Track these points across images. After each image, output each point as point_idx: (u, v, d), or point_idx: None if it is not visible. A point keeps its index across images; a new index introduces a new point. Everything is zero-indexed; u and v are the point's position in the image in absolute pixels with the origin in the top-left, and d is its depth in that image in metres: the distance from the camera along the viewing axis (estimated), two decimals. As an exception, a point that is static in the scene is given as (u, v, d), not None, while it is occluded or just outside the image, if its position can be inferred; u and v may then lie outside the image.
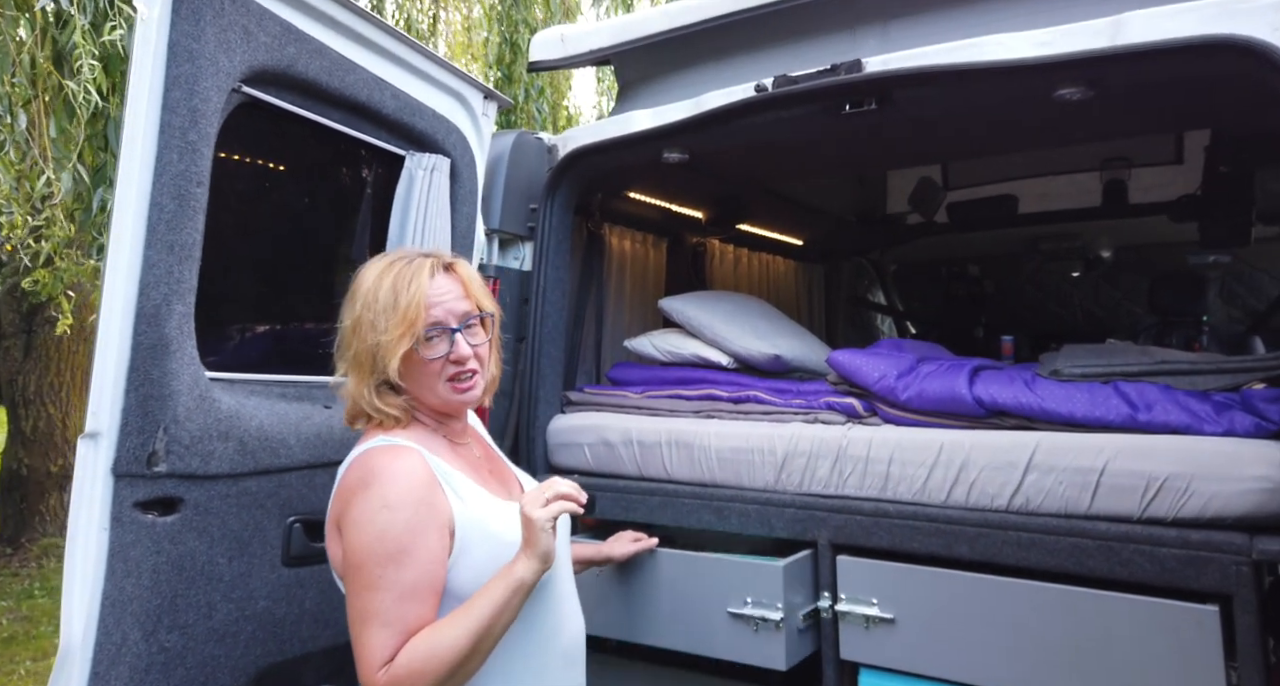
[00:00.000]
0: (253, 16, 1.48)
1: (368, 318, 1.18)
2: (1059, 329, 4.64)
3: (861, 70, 1.76)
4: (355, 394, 1.21)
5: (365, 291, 1.21)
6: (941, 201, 3.99)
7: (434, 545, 1.10)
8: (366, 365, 1.19)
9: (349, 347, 1.22)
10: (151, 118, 1.37)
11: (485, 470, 1.30)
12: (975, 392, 1.62)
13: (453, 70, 1.98)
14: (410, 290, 1.18)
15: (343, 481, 1.17)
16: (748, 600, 1.64)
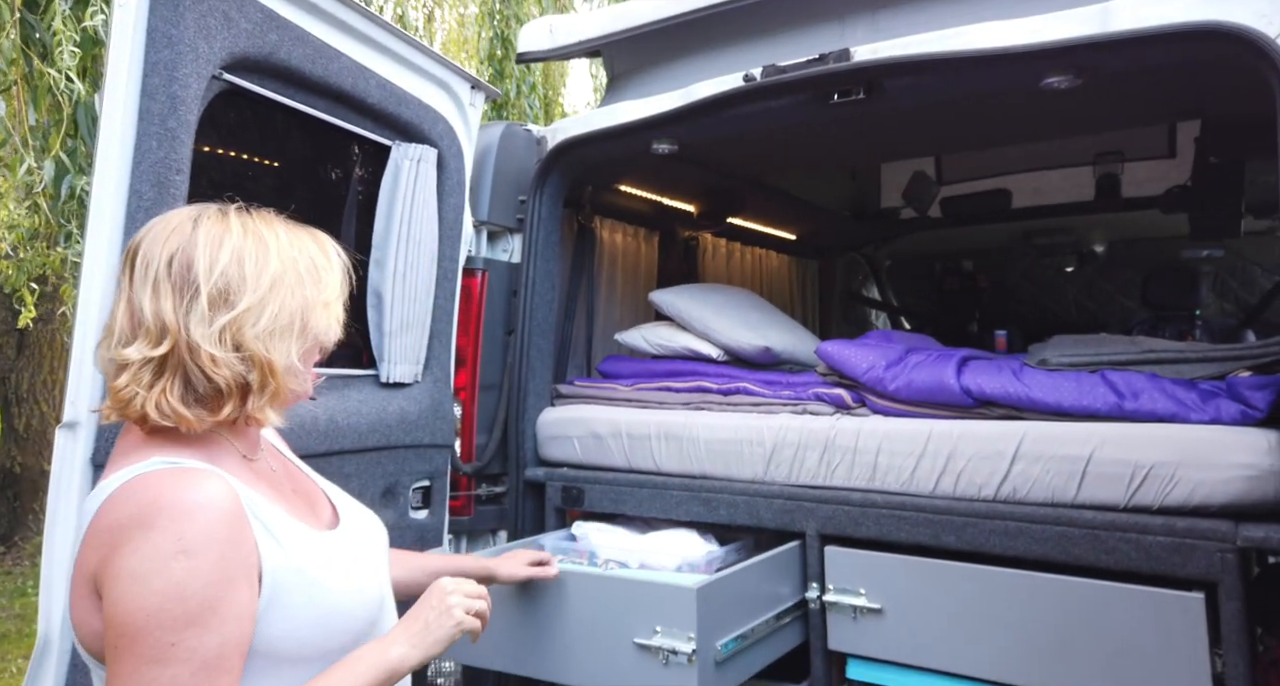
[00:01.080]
0: (233, 2, 1.46)
1: (302, 269, 0.94)
2: (1053, 323, 4.64)
3: (849, 59, 1.75)
4: (267, 361, 0.90)
5: (280, 241, 0.94)
6: (935, 196, 3.99)
7: (243, 597, 0.84)
8: (295, 330, 0.92)
9: (261, 307, 0.90)
10: (130, 104, 1.36)
11: (288, 489, 1.02)
12: (963, 383, 1.62)
13: (439, 59, 1.97)
14: (334, 252, 1.00)
15: (102, 519, 0.84)
16: (657, 629, 1.38)
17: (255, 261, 0.91)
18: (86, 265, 1.33)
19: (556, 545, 1.89)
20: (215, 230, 0.91)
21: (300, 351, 0.95)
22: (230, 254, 0.90)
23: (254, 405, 0.91)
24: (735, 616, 1.50)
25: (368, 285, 1.88)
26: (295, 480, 1.07)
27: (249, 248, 0.92)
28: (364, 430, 1.75)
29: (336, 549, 0.97)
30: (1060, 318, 4.77)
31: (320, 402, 1.69)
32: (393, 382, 1.89)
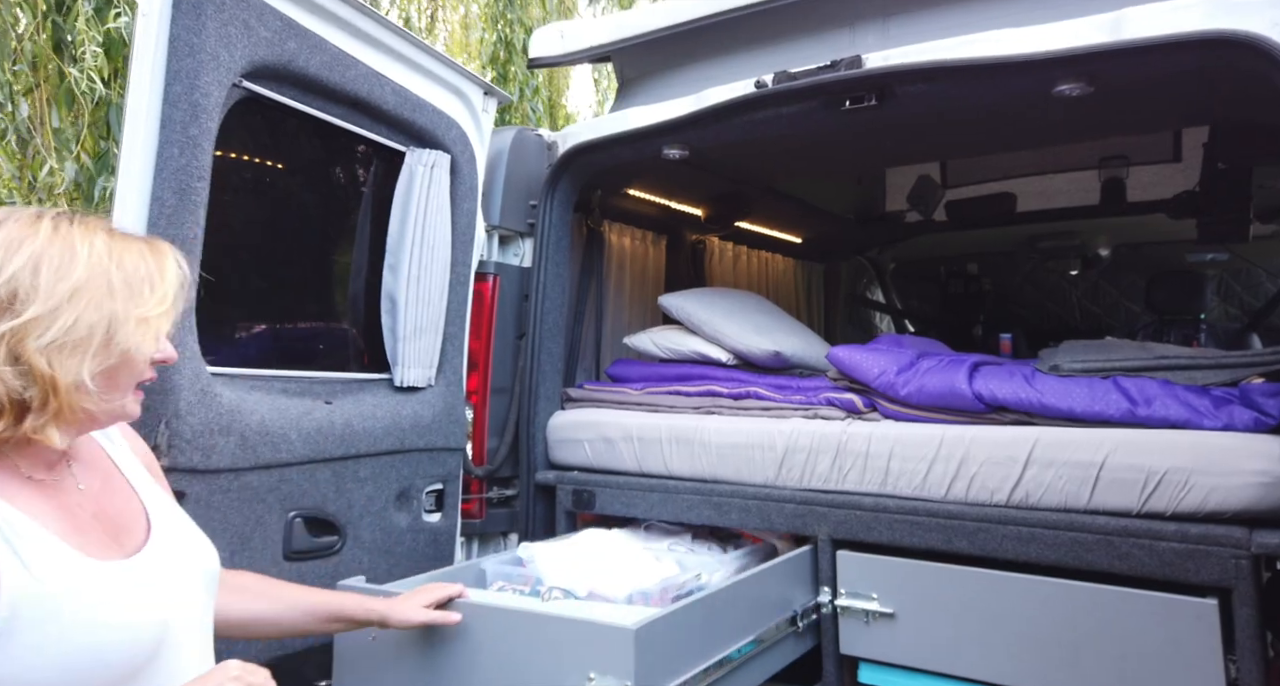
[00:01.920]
0: (253, 11, 1.48)
1: (113, 282, 0.85)
2: (1057, 327, 4.65)
3: (862, 66, 1.76)
4: (52, 377, 0.81)
5: (93, 251, 0.86)
6: (940, 199, 4.00)
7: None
8: (95, 343, 0.83)
9: (53, 316, 0.82)
10: (152, 112, 1.37)
11: (86, 512, 0.91)
12: (975, 388, 1.63)
13: (452, 65, 1.98)
14: (169, 266, 0.91)
15: None
16: (591, 677, 1.19)
17: (55, 269, 0.82)
18: (109, 271, 1.34)
19: (500, 570, 1.66)
20: (17, 233, 0.83)
21: (99, 369, 0.84)
22: (26, 259, 0.81)
23: (32, 424, 0.82)
24: (688, 656, 1.30)
25: (381, 290, 1.89)
26: (106, 502, 0.94)
27: (51, 254, 0.83)
28: (379, 434, 1.76)
29: (115, 580, 0.85)
30: (1064, 321, 4.78)
31: (336, 406, 1.70)
32: (406, 387, 1.90)
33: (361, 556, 1.70)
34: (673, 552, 1.85)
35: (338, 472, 1.66)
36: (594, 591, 1.52)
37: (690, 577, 1.62)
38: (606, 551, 1.74)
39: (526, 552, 1.72)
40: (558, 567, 1.61)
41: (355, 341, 1.91)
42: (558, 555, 1.67)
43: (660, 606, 1.42)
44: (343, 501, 1.67)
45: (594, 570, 1.60)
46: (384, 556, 1.76)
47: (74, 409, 0.84)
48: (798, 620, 1.62)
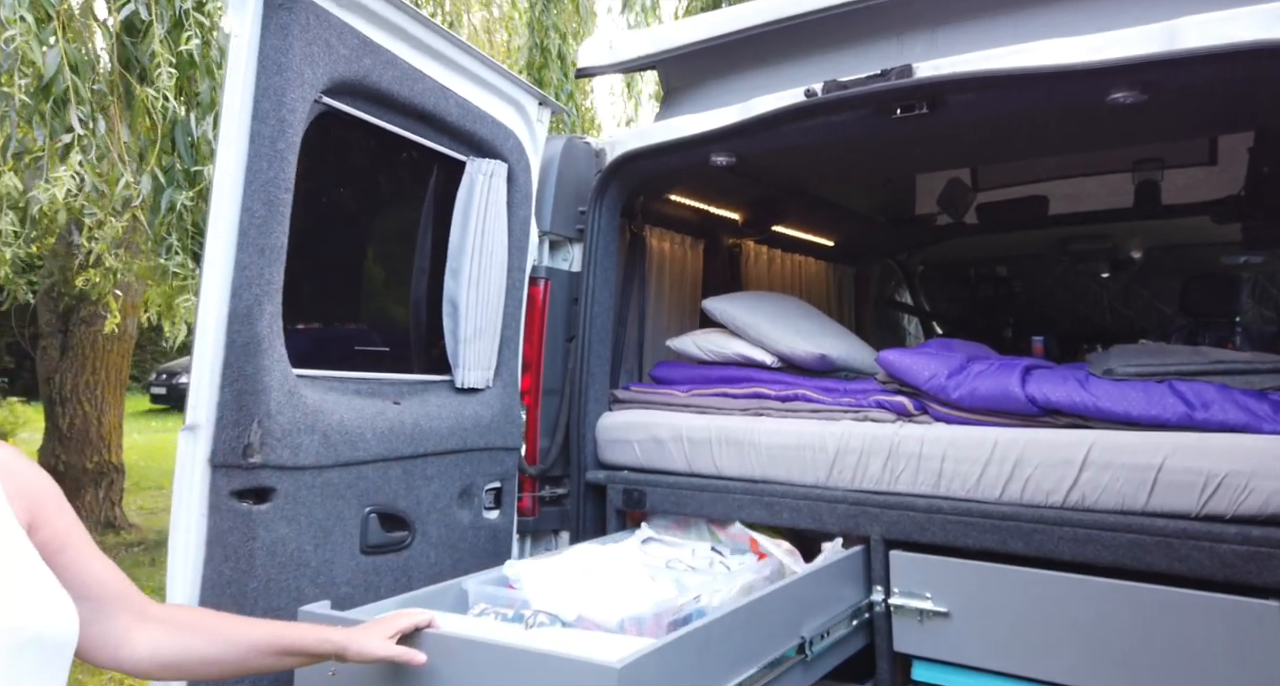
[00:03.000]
0: (333, 30, 1.55)
1: None
2: (1088, 330, 4.64)
3: (912, 75, 1.80)
4: None
5: None
6: (971, 203, 4.01)
7: None
8: None
9: None
10: (242, 127, 1.45)
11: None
12: (1028, 391, 1.66)
13: (511, 77, 2.04)
14: None
15: None
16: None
17: None
18: (205, 278, 1.42)
19: (483, 591, 1.53)
20: None
21: None
22: None
23: None
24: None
25: (443, 294, 1.96)
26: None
27: None
28: (444, 433, 1.83)
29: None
30: (1095, 324, 4.76)
31: (405, 407, 1.77)
32: (467, 388, 1.97)
33: (429, 551, 1.77)
34: (671, 570, 1.74)
35: (408, 470, 1.72)
36: (583, 616, 1.39)
37: (689, 600, 1.49)
38: (599, 571, 1.61)
39: (513, 571, 1.57)
40: (546, 589, 1.48)
41: (418, 344, 1.98)
42: (546, 575, 1.53)
43: (655, 633, 1.33)
44: (412, 498, 1.73)
45: (586, 592, 1.46)
46: (449, 551, 1.82)
47: None
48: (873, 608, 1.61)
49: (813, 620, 1.56)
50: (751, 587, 1.61)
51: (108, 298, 3.70)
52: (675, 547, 1.96)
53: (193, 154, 2.30)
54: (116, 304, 3.84)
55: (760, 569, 1.77)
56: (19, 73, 2.00)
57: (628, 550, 1.89)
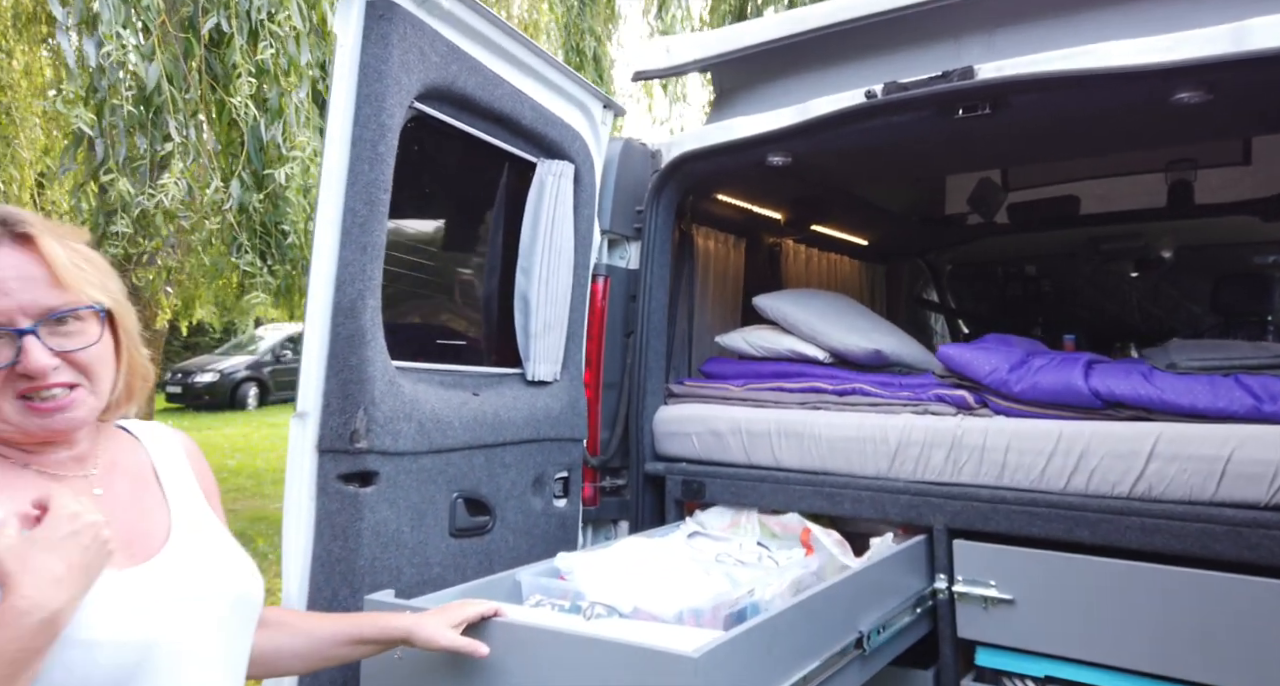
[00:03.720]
0: (427, 39, 1.62)
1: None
2: (1117, 328, 4.66)
3: (974, 76, 1.85)
4: None
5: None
6: (1002, 202, 4.05)
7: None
8: None
9: None
10: (345, 132, 1.52)
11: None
12: (1092, 385, 1.71)
13: (578, 81, 2.11)
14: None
15: None
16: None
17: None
18: (312, 274, 1.50)
19: (537, 583, 1.55)
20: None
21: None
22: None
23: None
24: (769, 678, 1.22)
25: (515, 290, 2.03)
26: (124, 510, 0.92)
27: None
28: (520, 423, 1.90)
29: (106, 587, 0.81)
30: (1124, 323, 4.78)
31: (486, 397, 1.84)
32: (537, 381, 2.04)
33: (508, 536, 1.84)
34: (721, 564, 1.77)
35: (489, 458, 1.80)
36: (639, 608, 1.40)
37: (743, 594, 1.50)
38: (651, 563, 1.65)
39: (565, 563, 1.59)
40: (599, 581, 1.50)
41: (491, 338, 2.06)
42: (599, 567, 1.55)
43: (712, 626, 1.34)
44: (493, 485, 1.81)
45: (639, 585, 1.48)
46: (524, 537, 1.90)
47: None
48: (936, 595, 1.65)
49: (873, 612, 1.59)
50: (800, 583, 1.63)
51: (159, 295, 3.82)
52: (722, 542, 2.01)
53: (261, 157, 2.39)
54: (167, 301, 3.96)
55: (808, 564, 1.80)
56: (124, 85, 2.10)
57: (674, 544, 1.94)
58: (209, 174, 2.31)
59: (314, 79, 2.45)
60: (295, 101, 2.40)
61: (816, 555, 1.87)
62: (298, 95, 2.42)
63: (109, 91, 2.12)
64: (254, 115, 2.27)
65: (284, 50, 2.30)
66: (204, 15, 2.24)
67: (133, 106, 2.13)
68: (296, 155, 2.36)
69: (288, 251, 2.57)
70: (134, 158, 2.24)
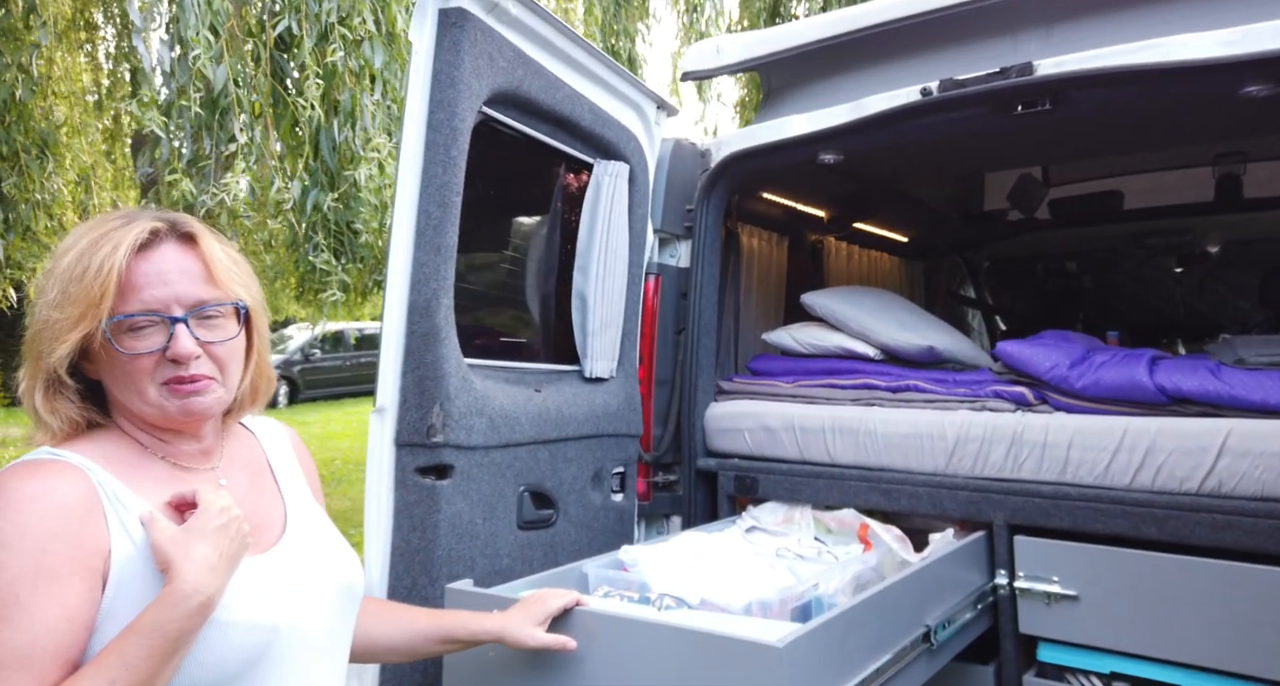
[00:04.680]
0: (495, 45, 1.66)
1: (46, 287, 0.88)
2: (1161, 324, 4.59)
3: (1033, 72, 1.85)
4: (24, 389, 0.89)
5: (58, 254, 0.90)
6: (1043, 198, 4.01)
7: (71, 599, 0.79)
8: (34, 351, 0.88)
9: (30, 326, 0.91)
10: (420, 136, 1.57)
11: None
12: (1157, 381, 1.70)
13: (634, 82, 2.15)
14: (103, 257, 0.86)
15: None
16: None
17: (37, 286, 0.92)
18: (389, 274, 1.55)
19: (603, 575, 1.58)
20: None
21: (43, 375, 0.88)
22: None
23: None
24: (831, 677, 1.21)
25: (572, 289, 2.07)
26: (245, 500, 0.96)
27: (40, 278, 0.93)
28: (580, 419, 1.94)
29: (239, 574, 0.87)
30: (1168, 318, 4.70)
31: (548, 394, 1.88)
32: (594, 377, 2.08)
33: (570, 529, 1.88)
34: (782, 558, 1.80)
35: (553, 453, 1.84)
36: (706, 600, 1.42)
37: (808, 587, 1.52)
38: (712, 557, 1.67)
39: (629, 556, 1.62)
40: (664, 573, 1.52)
41: (549, 336, 2.10)
42: (662, 560, 1.58)
43: (779, 618, 1.36)
44: (556, 479, 1.85)
45: (703, 577, 1.51)
46: (585, 530, 1.94)
47: (39, 413, 0.88)
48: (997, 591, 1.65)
49: (938, 607, 1.60)
50: (860, 578, 1.65)
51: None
52: (780, 537, 2.03)
53: (334, 157, 2.46)
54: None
55: (867, 560, 1.80)
56: (193, 87, 2.18)
57: (732, 539, 1.95)
58: (272, 174, 2.39)
59: (386, 81, 2.51)
60: (368, 103, 2.47)
61: (875, 550, 1.89)
62: (371, 97, 2.49)
63: (177, 93, 2.20)
64: (321, 117, 2.34)
65: (357, 53, 2.36)
66: (273, 18, 2.32)
67: (199, 108, 2.21)
68: (373, 156, 2.43)
69: (359, 250, 2.65)
70: (199, 158, 2.33)
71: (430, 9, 1.55)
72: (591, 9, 4.61)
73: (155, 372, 0.89)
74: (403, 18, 2.37)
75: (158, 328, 0.89)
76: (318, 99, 2.32)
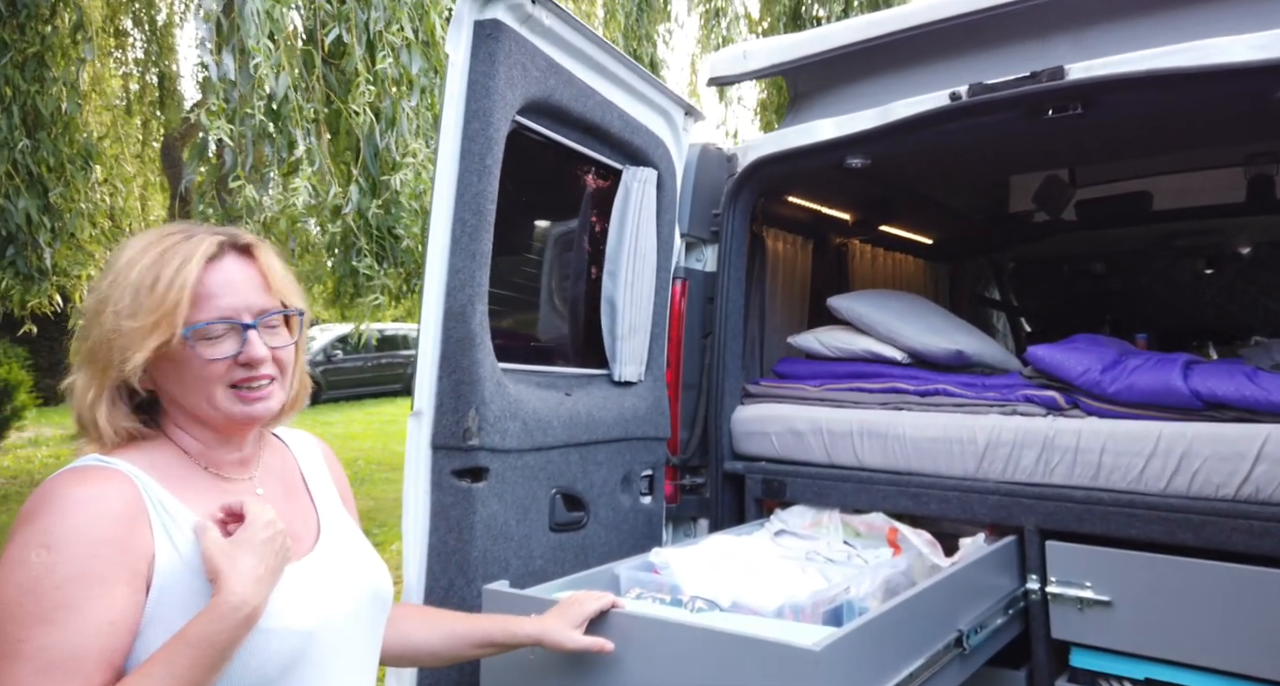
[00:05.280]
0: (528, 55, 1.69)
1: (115, 297, 0.90)
2: (1190, 326, 4.52)
3: (1064, 76, 1.84)
4: (79, 398, 0.91)
5: (121, 265, 0.93)
6: (1070, 199, 3.97)
7: (116, 603, 0.81)
8: (101, 360, 0.90)
9: (83, 338, 0.93)
10: (456, 145, 1.60)
11: None
12: (1192, 386, 1.69)
13: (662, 89, 2.17)
14: (175, 269, 0.90)
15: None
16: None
17: (99, 290, 0.93)
18: (426, 280, 1.58)
19: (634, 576, 1.59)
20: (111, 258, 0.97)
21: (113, 381, 0.91)
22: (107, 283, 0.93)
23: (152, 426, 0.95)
24: (879, 675, 1.22)
25: (601, 294, 2.10)
26: (280, 509, 0.97)
27: (101, 280, 0.94)
28: (610, 423, 1.96)
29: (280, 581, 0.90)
30: (1198, 320, 4.63)
31: (578, 397, 1.91)
32: (623, 381, 2.10)
33: (600, 531, 1.91)
34: (812, 561, 1.80)
35: (583, 456, 1.86)
36: (737, 602, 1.43)
37: (840, 591, 1.52)
38: (744, 560, 1.68)
39: (659, 558, 1.63)
40: (695, 575, 1.53)
41: (578, 340, 2.12)
42: (694, 562, 1.59)
43: (811, 621, 1.36)
44: (587, 482, 1.87)
45: (734, 580, 1.52)
46: (615, 532, 1.96)
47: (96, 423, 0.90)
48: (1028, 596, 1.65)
49: (970, 612, 1.60)
50: (890, 582, 1.65)
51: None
52: (809, 540, 2.04)
53: (377, 164, 2.51)
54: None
55: (896, 564, 1.81)
56: (255, 95, 2.24)
57: (761, 542, 1.96)
58: (329, 180, 2.45)
59: (424, 87, 2.56)
60: (407, 109, 2.52)
61: (904, 554, 1.89)
62: (409, 103, 2.54)
63: (240, 102, 2.26)
64: (369, 123, 2.39)
65: (397, 60, 2.41)
66: (324, 28, 2.37)
67: (262, 116, 2.27)
68: (410, 161, 2.48)
69: (400, 255, 2.70)
70: (260, 166, 2.39)
71: (466, 20, 1.58)
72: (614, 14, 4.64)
73: (225, 377, 0.94)
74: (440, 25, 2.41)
75: (231, 334, 0.94)
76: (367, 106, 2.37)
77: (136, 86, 6.03)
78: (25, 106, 3.28)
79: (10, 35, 3.21)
